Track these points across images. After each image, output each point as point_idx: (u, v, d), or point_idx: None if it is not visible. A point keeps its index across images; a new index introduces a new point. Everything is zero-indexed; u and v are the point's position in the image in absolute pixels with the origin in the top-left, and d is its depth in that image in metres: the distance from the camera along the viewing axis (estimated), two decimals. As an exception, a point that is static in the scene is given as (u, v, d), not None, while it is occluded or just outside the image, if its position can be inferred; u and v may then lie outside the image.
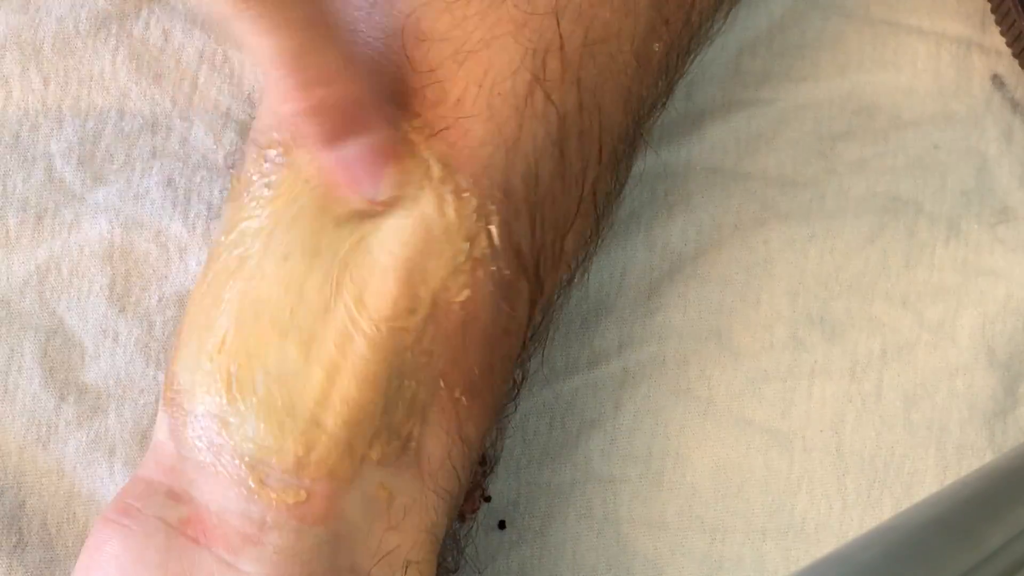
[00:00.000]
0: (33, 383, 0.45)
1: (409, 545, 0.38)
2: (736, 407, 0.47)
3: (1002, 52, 0.50)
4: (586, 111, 0.40)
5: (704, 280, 0.48)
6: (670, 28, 0.42)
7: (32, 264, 0.46)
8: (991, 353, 0.48)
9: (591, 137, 0.41)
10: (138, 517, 0.38)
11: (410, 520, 0.38)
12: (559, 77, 0.39)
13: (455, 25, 0.39)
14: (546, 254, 0.41)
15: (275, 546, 0.37)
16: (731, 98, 0.49)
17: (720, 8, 0.45)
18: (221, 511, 0.37)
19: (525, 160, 0.39)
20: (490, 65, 0.39)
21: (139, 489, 0.39)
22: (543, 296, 0.42)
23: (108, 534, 0.38)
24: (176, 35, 0.47)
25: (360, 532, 0.38)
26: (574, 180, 0.41)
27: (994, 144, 0.49)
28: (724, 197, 0.48)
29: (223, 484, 0.37)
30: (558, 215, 0.41)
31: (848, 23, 0.50)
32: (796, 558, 0.46)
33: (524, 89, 0.39)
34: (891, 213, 0.49)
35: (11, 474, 0.45)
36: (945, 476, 0.47)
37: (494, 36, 0.39)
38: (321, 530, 0.37)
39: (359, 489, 0.38)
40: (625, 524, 0.46)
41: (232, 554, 0.37)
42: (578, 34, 0.40)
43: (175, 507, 0.38)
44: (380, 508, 0.38)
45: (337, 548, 0.37)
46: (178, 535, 0.37)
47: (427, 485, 0.39)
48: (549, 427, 0.47)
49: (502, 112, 0.39)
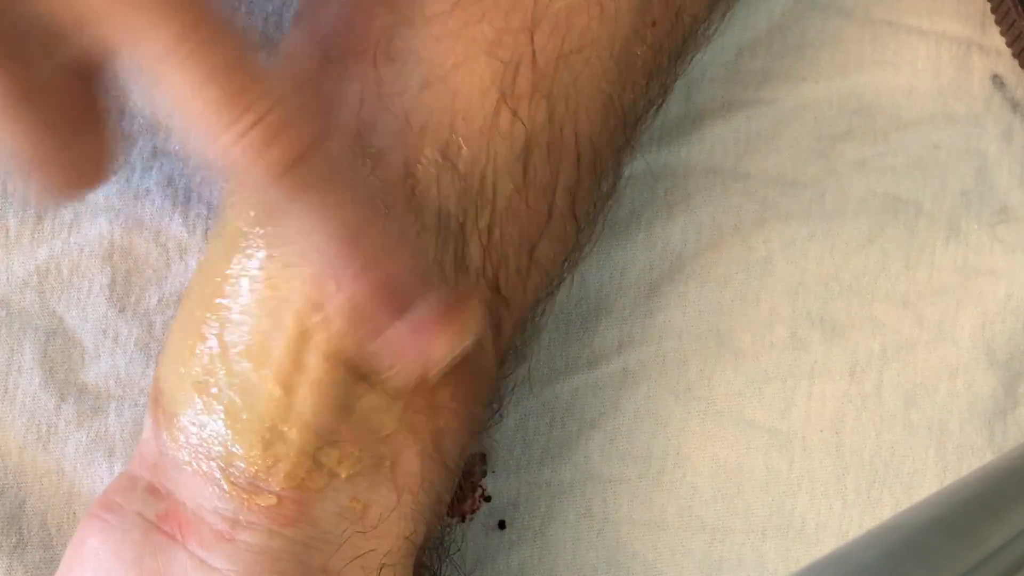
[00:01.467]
0: (33, 383, 0.45)
1: (385, 549, 0.39)
2: (736, 407, 0.47)
3: (1002, 52, 0.50)
4: (557, 121, 0.40)
5: (704, 280, 0.48)
6: (656, 30, 0.42)
7: (32, 264, 0.46)
8: (991, 353, 0.48)
9: (563, 146, 0.41)
10: (119, 512, 0.38)
11: (385, 527, 0.39)
12: (528, 92, 0.40)
13: (430, 45, 0.39)
14: (508, 268, 0.41)
15: (247, 544, 0.37)
16: (731, 98, 0.49)
17: (716, 8, 0.45)
18: (197, 508, 0.38)
19: (482, 182, 0.39)
20: (459, 88, 0.39)
21: (123, 484, 0.39)
22: (511, 308, 0.42)
23: (90, 529, 0.39)
24: (176, 35, 0.47)
25: (332, 535, 0.38)
26: (541, 191, 0.41)
27: (994, 144, 0.49)
28: (724, 197, 0.48)
29: (199, 482, 0.38)
30: (521, 229, 0.41)
31: (848, 23, 0.50)
32: (796, 558, 0.46)
33: (491, 109, 0.39)
34: (891, 213, 0.49)
35: (11, 474, 0.45)
36: (945, 476, 0.47)
37: (467, 57, 0.39)
38: (292, 531, 0.37)
39: (331, 500, 0.38)
40: (625, 524, 0.46)
41: (205, 550, 0.37)
42: (552, 45, 0.40)
43: (154, 503, 0.38)
44: (354, 515, 0.38)
45: (309, 549, 0.38)
46: (155, 530, 0.38)
47: (403, 497, 0.39)
48: (549, 427, 0.47)
49: (464, 136, 0.39)
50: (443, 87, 0.39)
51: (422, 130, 0.39)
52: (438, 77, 0.39)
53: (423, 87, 0.39)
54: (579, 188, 0.42)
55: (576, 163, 0.41)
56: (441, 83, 0.39)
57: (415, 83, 0.39)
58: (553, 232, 0.42)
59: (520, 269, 0.41)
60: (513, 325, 0.42)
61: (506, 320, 0.41)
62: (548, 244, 0.42)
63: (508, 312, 0.41)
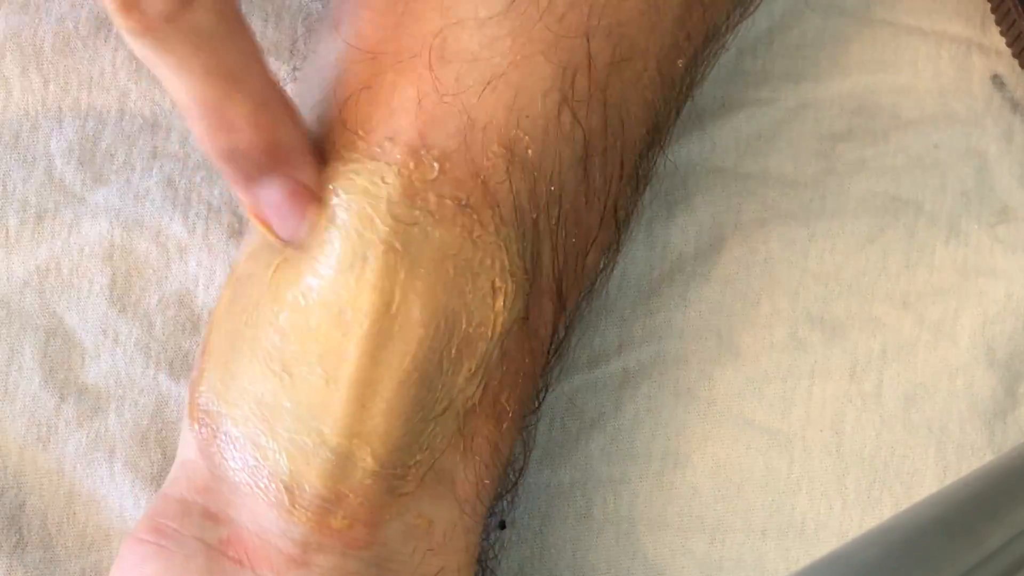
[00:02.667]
0: (33, 383, 0.45)
1: (454, 567, 0.38)
2: (736, 407, 0.47)
3: (1002, 52, 0.50)
4: (611, 129, 0.40)
5: (704, 280, 0.48)
6: (692, 42, 0.42)
7: (32, 264, 0.46)
8: (991, 353, 0.48)
9: (614, 154, 0.41)
10: (175, 537, 0.37)
11: (451, 543, 0.38)
12: (586, 97, 0.39)
13: (486, 45, 0.39)
14: (568, 272, 0.41)
15: (321, 568, 0.36)
16: (731, 98, 0.49)
17: (733, 17, 0.45)
18: (262, 531, 0.37)
19: (549, 183, 0.39)
20: (521, 87, 0.39)
21: (172, 509, 0.38)
22: (565, 313, 0.42)
23: (145, 554, 0.37)
24: (176, 35, 0.47)
25: (403, 555, 0.38)
26: (596, 197, 0.41)
27: (994, 144, 0.49)
28: (724, 197, 0.48)
29: (262, 505, 0.37)
30: (580, 233, 0.41)
31: (848, 23, 0.50)
32: (796, 558, 0.46)
33: (553, 110, 0.39)
34: (891, 213, 0.49)
35: (11, 474, 0.45)
36: (945, 476, 0.47)
37: (525, 56, 0.39)
38: (366, 554, 0.37)
39: (399, 519, 0.37)
40: (625, 524, 0.46)
41: (278, 575, 0.37)
42: (606, 53, 0.40)
43: (214, 528, 0.37)
44: (420, 533, 0.38)
45: (382, 570, 0.37)
46: (220, 556, 0.37)
47: (464, 509, 0.39)
48: (549, 427, 0.47)
49: (530, 135, 0.39)
50: (504, 86, 0.38)
51: (486, 128, 0.38)
52: (497, 76, 0.39)
53: (483, 86, 0.38)
54: (621, 195, 0.42)
55: (621, 171, 0.41)
56: (501, 82, 0.39)
57: (475, 82, 0.38)
58: (601, 238, 0.42)
59: (576, 273, 0.41)
60: (564, 327, 0.42)
61: (561, 323, 0.41)
62: (595, 250, 0.42)
63: (563, 316, 0.41)
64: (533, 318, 0.40)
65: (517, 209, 0.39)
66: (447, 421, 0.38)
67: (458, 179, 0.38)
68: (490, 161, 0.38)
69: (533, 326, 0.40)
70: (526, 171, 0.39)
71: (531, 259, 0.39)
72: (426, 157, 0.38)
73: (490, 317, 0.38)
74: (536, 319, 0.40)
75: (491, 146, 0.38)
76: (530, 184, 0.39)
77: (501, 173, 0.38)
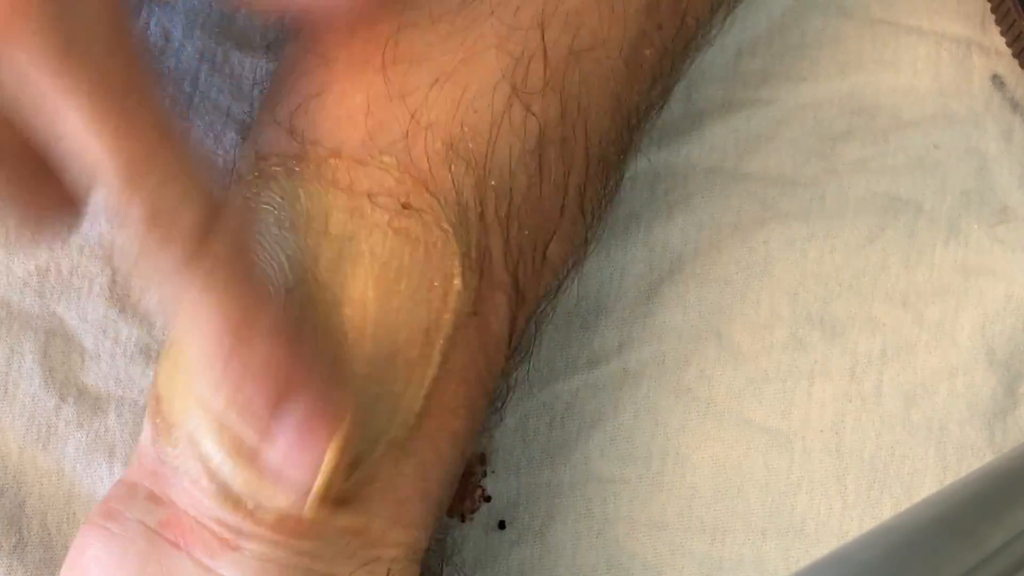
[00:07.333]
0: (33, 383, 0.45)
1: (390, 556, 0.38)
2: (736, 407, 0.47)
3: (1002, 52, 0.50)
4: (569, 118, 0.40)
5: (704, 280, 0.48)
6: (663, 33, 0.42)
7: (32, 264, 0.46)
8: (991, 353, 0.48)
9: (575, 144, 0.41)
10: (120, 520, 0.38)
11: (388, 537, 0.38)
12: (540, 87, 0.39)
13: (437, 44, 0.39)
14: (526, 265, 0.41)
15: (253, 552, 0.37)
16: (731, 98, 0.49)
17: (718, 11, 0.45)
18: (199, 515, 0.37)
19: (497, 176, 0.39)
20: (469, 82, 0.39)
21: (122, 492, 0.39)
22: (525, 306, 0.41)
23: (91, 538, 0.38)
24: (176, 35, 0.47)
25: (337, 546, 0.38)
26: (555, 188, 0.41)
27: (994, 144, 0.49)
28: (724, 197, 0.48)
29: (200, 492, 0.37)
30: (537, 225, 0.41)
31: (848, 23, 0.50)
32: (796, 558, 0.46)
33: (502, 103, 0.39)
34: (891, 213, 0.49)
35: (11, 474, 0.45)
36: (945, 476, 0.47)
37: (476, 52, 0.39)
38: (298, 543, 0.37)
39: (334, 518, 0.37)
40: (625, 524, 0.46)
41: (211, 558, 0.37)
42: (563, 43, 0.40)
43: (155, 510, 0.38)
44: (356, 530, 0.38)
45: (315, 559, 0.37)
46: (158, 538, 0.37)
47: (404, 508, 0.39)
48: (549, 427, 0.47)
49: (474, 129, 0.39)
50: (451, 83, 0.39)
51: (431, 127, 0.39)
52: (446, 73, 0.39)
53: (432, 85, 0.39)
54: (588, 186, 0.42)
55: (586, 161, 0.41)
56: (449, 80, 0.39)
57: (422, 83, 0.39)
58: (564, 230, 0.42)
59: (535, 266, 0.41)
60: (524, 324, 0.42)
61: (520, 318, 0.41)
62: (559, 242, 0.42)
63: (523, 310, 0.41)
64: (485, 313, 0.39)
65: (460, 205, 0.39)
66: (386, 427, 0.38)
67: (397, 181, 0.38)
68: (431, 160, 0.38)
69: (485, 321, 0.40)
70: (469, 167, 0.39)
71: (479, 253, 0.39)
72: (369, 164, 0.38)
73: (434, 317, 0.38)
74: (488, 314, 0.40)
75: (434, 144, 0.38)
76: (474, 179, 0.39)
77: (442, 171, 0.38)
